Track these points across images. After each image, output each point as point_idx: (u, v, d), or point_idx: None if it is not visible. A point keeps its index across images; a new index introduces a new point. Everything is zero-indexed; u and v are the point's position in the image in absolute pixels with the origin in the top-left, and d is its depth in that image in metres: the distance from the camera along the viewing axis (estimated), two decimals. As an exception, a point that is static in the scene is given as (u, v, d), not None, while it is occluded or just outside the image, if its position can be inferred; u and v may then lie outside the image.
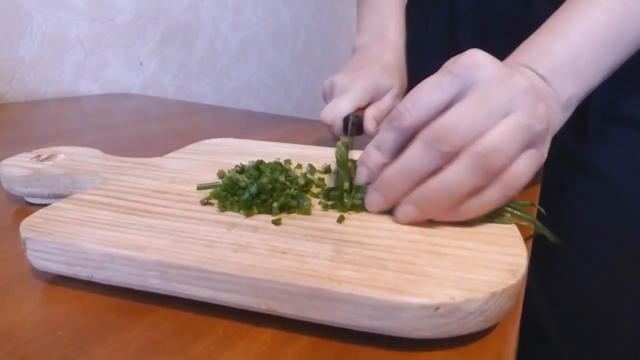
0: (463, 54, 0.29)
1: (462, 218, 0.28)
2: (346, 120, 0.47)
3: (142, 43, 1.01)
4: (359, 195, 0.31)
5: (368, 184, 0.31)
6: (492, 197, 0.28)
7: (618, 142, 0.52)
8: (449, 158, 0.27)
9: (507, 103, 0.27)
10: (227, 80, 1.28)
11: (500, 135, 0.27)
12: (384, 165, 0.30)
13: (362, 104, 0.50)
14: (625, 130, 0.51)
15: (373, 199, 0.30)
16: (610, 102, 0.51)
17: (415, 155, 0.28)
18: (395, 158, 0.29)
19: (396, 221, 0.29)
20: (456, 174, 0.27)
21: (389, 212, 0.30)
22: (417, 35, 0.61)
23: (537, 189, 0.44)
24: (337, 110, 0.48)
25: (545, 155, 0.31)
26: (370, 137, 0.49)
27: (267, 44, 1.42)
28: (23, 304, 0.25)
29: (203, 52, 1.18)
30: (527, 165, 0.28)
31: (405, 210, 0.28)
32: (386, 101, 0.53)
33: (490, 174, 0.27)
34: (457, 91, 0.28)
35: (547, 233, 0.30)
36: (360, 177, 0.31)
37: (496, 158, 0.26)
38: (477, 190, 0.27)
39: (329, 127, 0.49)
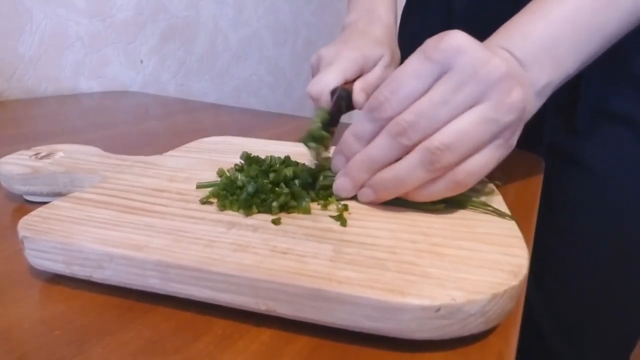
0: (443, 35, 0.29)
1: (414, 200, 0.30)
2: (333, 93, 0.44)
3: (142, 40, 1.00)
4: (329, 178, 0.33)
5: None
6: (439, 189, 0.29)
7: (611, 139, 0.52)
8: (409, 150, 0.29)
9: (477, 93, 0.28)
10: (227, 78, 1.28)
11: (456, 131, 0.28)
12: None
13: (350, 76, 0.47)
14: (617, 128, 0.51)
15: (341, 183, 0.32)
16: (602, 98, 0.51)
17: (380, 146, 0.30)
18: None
19: (396, 221, 0.29)
20: (406, 167, 0.29)
21: (389, 212, 0.30)
22: (413, 34, 0.60)
23: (538, 187, 0.44)
24: (324, 82, 0.44)
25: (514, 145, 0.31)
26: (360, 110, 0.48)
27: (267, 42, 1.41)
28: (21, 303, 0.25)
29: (203, 49, 1.18)
30: (487, 157, 0.29)
31: (365, 192, 0.31)
32: (376, 72, 0.50)
33: (438, 169, 0.28)
34: (435, 77, 0.29)
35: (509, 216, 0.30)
36: (338, 165, 0.32)
37: (444, 155, 0.28)
38: (427, 181, 0.29)
39: (315, 102, 0.45)
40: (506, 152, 0.30)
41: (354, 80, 0.48)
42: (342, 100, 0.42)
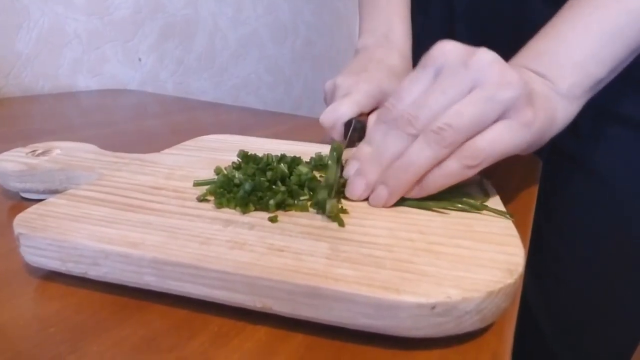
0: (434, 46, 0.31)
1: (427, 192, 0.30)
2: (348, 124, 0.43)
3: (140, 38, 1.00)
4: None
5: None
6: (451, 167, 0.29)
7: (613, 140, 0.52)
8: (414, 140, 0.30)
9: (471, 81, 0.29)
10: (226, 76, 1.28)
11: (455, 111, 0.29)
12: None
13: (365, 109, 0.46)
14: (620, 129, 0.51)
15: (354, 183, 0.31)
16: (606, 100, 0.51)
17: (387, 139, 0.30)
18: None
19: (394, 221, 0.29)
20: (413, 149, 0.29)
21: (386, 210, 0.30)
22: (415, 34, 0.60)
23: (535, 187, 0.44)
24: (339, 113, 0.44)
25: (531, 124, 0.30)
26: None
27: (266, 41, 1.41)
28: (16, 300, 0.25)
29: (202, 48, 1.17)
30: (497, 135, 0.29)
31: (377, 192, 0.31)
32: None
33: (446, 148, 0.29)
34: (431, 80, 0.31)
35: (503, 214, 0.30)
36: (351, 169, 0.32)
37: (447, 133, 0.28)
38: (438, 162, 0.29)
39: (328, 131, 0.45)
40: (519, 132, 0.30)
41: (369, 113, 0.47)
42: (356, 131, 0.42)
